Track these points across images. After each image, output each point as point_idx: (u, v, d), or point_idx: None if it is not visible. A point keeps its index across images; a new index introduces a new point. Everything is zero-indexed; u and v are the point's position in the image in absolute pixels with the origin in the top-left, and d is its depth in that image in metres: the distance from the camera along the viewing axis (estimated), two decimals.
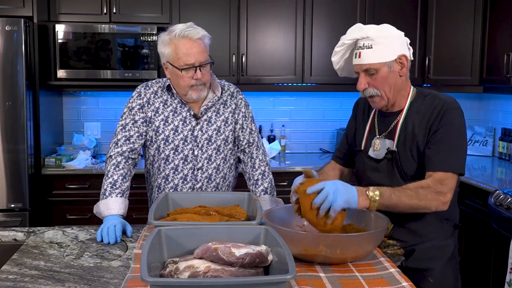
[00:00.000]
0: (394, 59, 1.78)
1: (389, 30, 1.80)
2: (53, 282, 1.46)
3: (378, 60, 1.77)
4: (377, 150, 1.89)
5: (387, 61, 1.77)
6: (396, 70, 1.79)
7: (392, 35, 1.79)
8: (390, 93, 1.82)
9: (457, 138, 1.76)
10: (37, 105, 3.40)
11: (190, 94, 2.08)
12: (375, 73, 1.79)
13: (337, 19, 3.84)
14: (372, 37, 1.76)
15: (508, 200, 2.71)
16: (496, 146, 4.10)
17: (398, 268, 1.56)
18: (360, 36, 1.79)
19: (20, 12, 3.37)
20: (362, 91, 1.84)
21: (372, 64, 1.78)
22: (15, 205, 3.27)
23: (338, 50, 1.89)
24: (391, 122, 1.88)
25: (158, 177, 2.19)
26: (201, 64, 2.03)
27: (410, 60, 1.83)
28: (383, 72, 1.78)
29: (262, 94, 4.18)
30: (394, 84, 1.81)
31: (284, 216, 1.81)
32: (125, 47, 3.60)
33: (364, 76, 1.82)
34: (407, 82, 1.86)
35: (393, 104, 1.87)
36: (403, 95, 1.86)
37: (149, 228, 1.90)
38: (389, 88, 1.81)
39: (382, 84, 1.80)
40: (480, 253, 3.10)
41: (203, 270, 1.31)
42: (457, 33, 3.88)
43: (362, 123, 2.00)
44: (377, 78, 1.79)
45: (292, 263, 1.23)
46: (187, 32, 2.01)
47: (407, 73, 1.83)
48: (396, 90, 1.82)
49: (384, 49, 1.76)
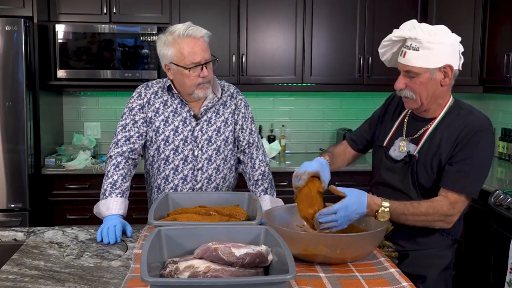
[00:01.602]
0: (438, 67, 1.72)
1: (443, 35, 1.72)
2: (53, 282, 1.46)
3: (421, 64, 1.72)
4: (399, 152, 1.86)
5: (430, 68, 1.72)
6: (438, 79, 1.74)
7: (444, 42, 1.72)
8: (426, 100, 1.77)
9: (481, 162, 1.73)
10: (37, 105, 3.40)
11: (196, 93, 2.08)
12: (415, 77, 1.74)
13: (337, 19, 3.84)
14: (421, 40, 1.70)
15: (508, 200, 2.71)
16: (496, 146, 4.09)
17: (398, 268, 1.56)
18: (408, 35, 1.73)
19: (20, 12, 3.37)
20: (399, 90, 1.80)
21: (414, 67, 1.73)
22: (15, 205, 3.27)
23: (384, 45, 1.85)
24: (420, 128, 1.84)
25: (158, 177, 2.18)
26: (206, 62, 2.04)
27: (458, 69, 1.77)
28: (424, 78, 1.73)
29: (262, 94, 4.18)
30: (432, 91, 1.76)
31: (284, 216, 1.81)
32: (125, 47, 3.60)
33: (403, 77, 1.78)
34: (448, 91, 1.81)
35: (426, 110, 1.83)
36: (439, 103, 1.81)
37: (149, 228, 1.90)
38: (426, 94, 1.76)
39: (420, 89, 1.75)
40: (480, 253, 3.10)
41: (203, 270, 1.31)
42: (457, 33, 3.84)
43: (391, 120, 1.96)
44: (416, 82, 1.75)
45: (292, 263, 1.23)
46: (190, 31, 2.01)
47: (449, 84, 1.78)
48: (434, 98, 1.78)
49: (430, 55, 1.70)
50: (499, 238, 2.81)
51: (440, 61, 1.71)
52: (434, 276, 1.82)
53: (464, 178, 1.72)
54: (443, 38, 1.72)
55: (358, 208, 1.64)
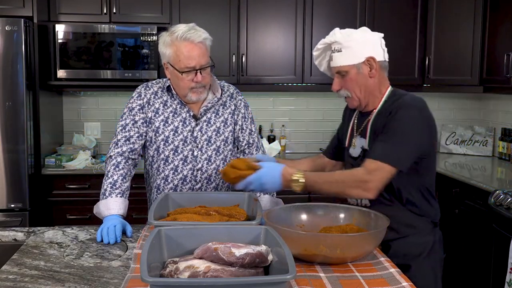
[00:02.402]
0: (362, 61, 1.84)
1: (360, 33, 1.86)
2: (53, 282, 1.46)
3: (346, 62, 1.85)
4: (354, 148, 1.95)
5: (355, 64, 1.84)
6: (365, 72, 1.85)
7: (362, 38, 1.84)
8: (361, 94, 1.88)
9: (403, 134, 1.76)
10: (37, 105, 3.40)
11: (189, 96, 2.08)
12: (345, 75, 1.87)
13: (337, 19, 3.84)
14: (340, 41, 1.84)
15: (508, 200, 2.71)
16: (496, 146, 4.10)
17: (398, 268, 1.56)
18: (329, 40, 1.88)
19: (20, 12, 3.37)
20: (337, 92, 1.92)
21: (341, 66, 1.86)
22: (15, 205, 3.27)
23: (315, 54, 2.00)
24: (364, 122, 1.94)
25: (157, 177, 2.18)
26: (201, 67, 2.02)
27: (384, 60, 1.88)
28: (352, 74, 1.85)
29: (262, 94, 4.18)
30: (364, 85, 1.87)
31: (284, 216, 1.81)
32: (125, 47, 3.60)
33: (337, 78, 1.90)
34: (383, 82, 1.90)
35: (367, 104, 1.92)
36: (376, 96, 1.90)
37: (149, 228, 1.90)
38: (359, 89, 1.87)
39: (352, 85, 1.87)
40: (480, 253, 3.10)
41: (203, 270, 1.31)
42: (457, 33, 3.88)
43: (347, 122, 2.06)
44: (347, 80, 1.87)
45: (292, 263, 1.23)
46: (189, 35, 2.00)
47: (378, 75, 1.87)
48: (368, 91, 1.88)
49: (352, 52, 1.83)
50: (499, 238, 2.81)
51: (362, 55, 1.84)
52: (418, 263, 1.84)
53: (383, 147, 1.76)
54: (360, 36, 1.85)
55: (272, 178, 1.76)
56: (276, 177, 1.76)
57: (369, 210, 1.80)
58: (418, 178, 1.85)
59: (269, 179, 1.76)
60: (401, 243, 1.84)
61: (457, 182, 3.33)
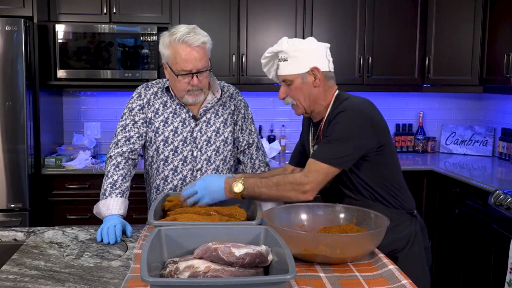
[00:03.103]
0: (306, 71, 1.88)
1: (305, 43, 1.90)
2: (53, 282, 1.46)
3: (291, 72, 1.90)
4: None
5: (300, 73, 1.89)
6: (310, 81, 1.90)
7: (307, 48, 1.89)
8: (305, 103, 1.93)
9: (341, 135, 1.80)
10: (37, 105, 3.40)
11: (186, 98, 2.08)
12: (291, 84, 1.92)
13: (337, 19, 3.84)
14: (286, 51, 1.89)
15: (508, 200, 2.71)
16: (496, 146, 4.10)
17: (396, 265, 1.56)
18: (276, 49, 1.93)
19: (20, 12, 3.37)
20: (283, 99, 1.96)
21: (286, 75, 1.91)
22: (15, 205, 3.27)
23: (263, 62, 2.04)
24: (316, 131, 1.99)
25: (157, 178, 2.18)
26: (198, 71, 2.01)
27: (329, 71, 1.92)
28: (297, 83, 1.90)
29: (262, 94, 4.18)
30: (308, 94, 1.91)
31: (284, 216, 1.81)
32: (125, 47, 3.60)
33: (283, 86, 1.95)
34: (328, 91, 1.94)
35: (314, 113, 1.96)
36: (321, 104, 1.94)
37: (149, 228, 1.90)
38: (303, 98, 1.92)
39: (296, 94, 1.92)
40: (480, 253, 3.10)
41: (203, 270, 1.31)
42: (457, 33, 3.88)
43: (307, 132, 2.09)
44: (292, 88, 1.92)
45: (292, 263, 1.23)
46: (187, 38, 1.98)
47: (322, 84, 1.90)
48: (312, 100, 1.92)
49: (297, 62, 1.88)
50: (499, 238, 2.81)
51: (307, 65, 1.88)
52: (402, 256, 1.86)
53: (322, 148, 1.83)
54: (305, 45, 1.90)
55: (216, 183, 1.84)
56: (221, 182, 1.84)
57: (369, 210, 1.80)
58: (377, 174, 1.89)
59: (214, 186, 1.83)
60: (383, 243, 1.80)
61: (457, 182, 3.34)
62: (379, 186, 1.90)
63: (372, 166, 1.87)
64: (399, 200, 1.93)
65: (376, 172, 1.89)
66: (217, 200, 1.85)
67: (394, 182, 1.93)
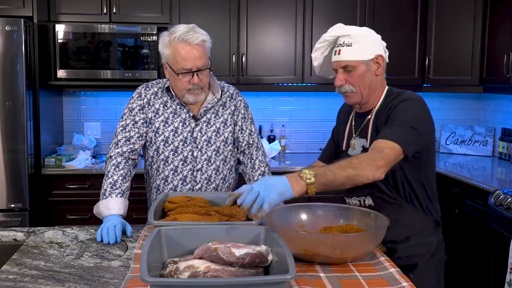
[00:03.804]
0: (371, 58, 1.85)
1: (368, 30, 1.88)
2: (53, 282, 1.46)
3: (357, 57, 1.84)
4: (354, 150, 1.94)
5: (365, 60, 1.85)
6: (373, 69, 1.87)
7: (371, 36, 1.87)
8: (365, 91, 1.88)
9: (407, 118, 1.76)
10: (37, 105, 3.40)
11: (186, 97, 2.08)
12: (353, 70, 1.85)
13: (337, 19, 3.78)
14: (352, 35, 1.84)
15: (508, 200, 2.71)
16: (496, 146, 4.10)
17: (398, 268, 1.56)
18: (341, 33, 1.86)
19: (20, 12, 3.37)
20: (339, 87, 1.89)
21: (350, 61, 1.84)
22: (15, 205, 3.27)
23: (318, 46, 1.95)
24: (363, 121, 1.93)
25: (157, 178, 2.18)
26: (198, 69, 2.02)
27: (385, 62, 1.91)
28: (361, 70, 1.85)
29: (262, 94, 4.18)
30: (369, 82, 1.87)
31: (284, 216, 1.81)
32: (125, 47, 3.60)
33: (342, 73, 1.88)
34: (383, 82, 1.93)
35: (366, 103, 1.92)
36: (376, 95, 1.91)
37: (149, 228, 1.90)
38: (364, 86, 1.87)
39: (358, 81, 1.86)
40: (480, 253, 3.10)
41: (203, 270, 1.31)
42: (457, 33, 3.88)
43: (343, 126, 2.06)
44: (354, 75, 1.86)
45: (292, 263, 1.23)
46: (187, 37, 1.98)
47: (382, 74, 1.90)
48: (371, 88, 1.89)
49: (363, 48, 1.84)
50: (499, 238, 2.81)
51: (372, 52, 1.85)
52: (422, 263, 1.85)
53: (391, 130, 1.75)
54: (369, 33, 1.87)
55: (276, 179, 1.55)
56: (282, 178, 1.56)
57: (369, 210, 1.80)
58: (419, 174, 1.85)
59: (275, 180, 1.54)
60: (406, 245, 1.85)
61: (457, 182, 3.34)
62: (418, 187, 1.85)
63: (419, 165, 1.83)
64: (430, 206, 1.89)
65: (420, 171, 1.84)
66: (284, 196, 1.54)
67: (431, 187, 1.90)
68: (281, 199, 1.54)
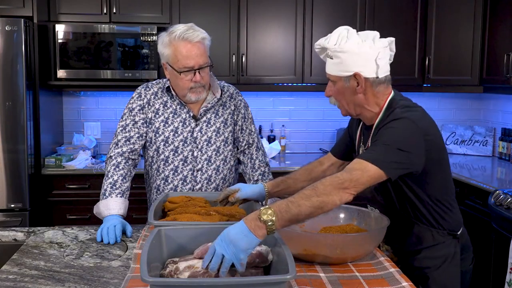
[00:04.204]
0: (349, 75, 1.70)
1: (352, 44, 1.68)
2: (53, 282, 1.46)
3: (334, 72, 1.73)
4: None
5: (342, 76, 1.71)
6: (353, 87, 1.71)
7: (352, 51, 1.67)
8: (350, 106, 1.77)
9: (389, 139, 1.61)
10: (37, 105, 3.40)
11: (189, 96, 2.08)
12: (335, 84, 1.75)
13: (337, 19, 3.84)
14: (332, 49, 1.70)
15: (508, 200, 2.71)
16: (496, 146, 4.10)
17: (398, 268, 1.56)
18: (323, 44, 1.75)
19: (20, 12, 3.37)
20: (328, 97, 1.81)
21: (330, 75, 1.75)
22: (15, 205, 3.27)
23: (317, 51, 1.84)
24: (368, 135, 1.82)
25: (157, 178, 2.18)
26: (200, 67, 2.02)
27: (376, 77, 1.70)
28: (339, 85, 1.74)
29: (262, 94, 4.18)
30: (351, 99, 1.74)
31: None
32: (125, 47, 3.60)
33: (329, 85, 1.79)
34: (377, 97, 1.74)
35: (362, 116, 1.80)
36: (369, 110, 1.76)
37: (149, 228, 1.90)
38: (346, 102, 1.76)
39: (338, 96, 1.76)
40: (480, 253, 3.10)
41: (203, 270, 1.31)
42: (457, 33, 3.88)
43: (356, 128, 1.95)
44: (335, 89, 1.76)
45: (292, 263, 1.23)
46: (187, 35, 1.99)
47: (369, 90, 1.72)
48: (357, 105, 1.75)
49: (340, 64, 1.70)
50: (499, 238, 2.81)
51: (349, 70, 1.69)
52: (436, 274, 1.78)
53: (369, 150, 1.63)
54: (351, 47, 1.67)
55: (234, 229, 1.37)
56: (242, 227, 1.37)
57: (369, 210, 1.80)
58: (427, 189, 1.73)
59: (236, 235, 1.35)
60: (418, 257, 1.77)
61: (457, 182, 3.33)
62: (424, 204, 1.74)
63: (425, 181, 1.71)
64: (441, 220, 1.77)
65: (427, 186, 1.72)
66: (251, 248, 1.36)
67: (442, 200, 1.76)
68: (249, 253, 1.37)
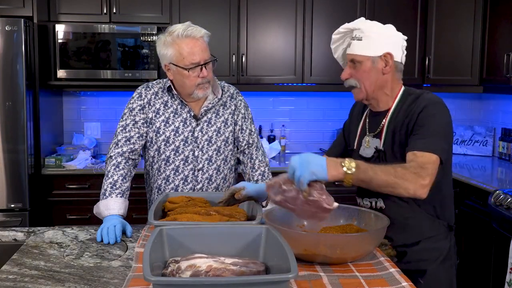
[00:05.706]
0: (379, 55, 1.79)
1: (384, 28, 1.83)
2: (53, 282, 1.46)
3: (362, 52, 1.80)
4: (368, 148, 1.88)
5: (371, 56, 1.79)
6: (380, 67, 1.81)
7: (383, 33, 1.81)
8: (370, 88, 1.83)
9: (437, 126, 1.72)
10: (37, 105, 3.40)
11: (196, 93, 2.08)
12: (359, 65, 1.81)
13: (337, 19, 3.83)
14: (363, 30, 1.80)
15: (508, 200, 2.71)
16: (496, 146, 4.10)
17: (398, 268, 1.56)
18: (353, 26, 1.83)
19: (20, 12, 3.37)
20: (345, 80, 1.86)
21: (356, 55, 1.81)
22: (15, 205, 3.27)
23: (334, 38, 1.94)
24: (379, 122, 1.87)
25: (158, 178, 2.18)
26: (206, 62, 2.04)
27: (401, 62, 1.84)
28: (366, 66, 1.80)
29: (262, 94, 4.18)
30: (375, 80, 1.82)
31: (284, 216, 1.80)
32: (125, 47, 3.60)
33: (348, 67, 1.85)
34: (396, 82, 1.86)
35: (374, 100, 1.87)
36: (387, 94, 1.85)
37: (149, 228, 1.90)
38: (369, 82, 1.82)
39: (362, 77, 1.82)
40: (480, 253, 3.10)
41: (205, 269, 1.31)
42: (457, 33, 3.88)
43: (356, 124, 2.00)
44: (359, 70, 1.82)
45: (293, 263, 1.23)
46: (189, 32, 2.01)
47: (392, 73, 1.83)
48: (378, 86, 1.83)
49: (371, 44, 1.79)
50: (499, 238, 2.81)
51: (381, 49, 1.79)
52: (433, 269, 1.81)
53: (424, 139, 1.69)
54: (384, 30, 1.81)
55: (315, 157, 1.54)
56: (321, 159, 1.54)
57: (369, 210, 1.80)
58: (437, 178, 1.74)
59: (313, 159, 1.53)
60: (417, 248, 1.81)
61: (457, 182, 3.34)
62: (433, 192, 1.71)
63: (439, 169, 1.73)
64: (443, 210, 1.83)
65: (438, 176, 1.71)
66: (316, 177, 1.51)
67: (447, 191, 1.84)
68: (313, 179, 1.51)
